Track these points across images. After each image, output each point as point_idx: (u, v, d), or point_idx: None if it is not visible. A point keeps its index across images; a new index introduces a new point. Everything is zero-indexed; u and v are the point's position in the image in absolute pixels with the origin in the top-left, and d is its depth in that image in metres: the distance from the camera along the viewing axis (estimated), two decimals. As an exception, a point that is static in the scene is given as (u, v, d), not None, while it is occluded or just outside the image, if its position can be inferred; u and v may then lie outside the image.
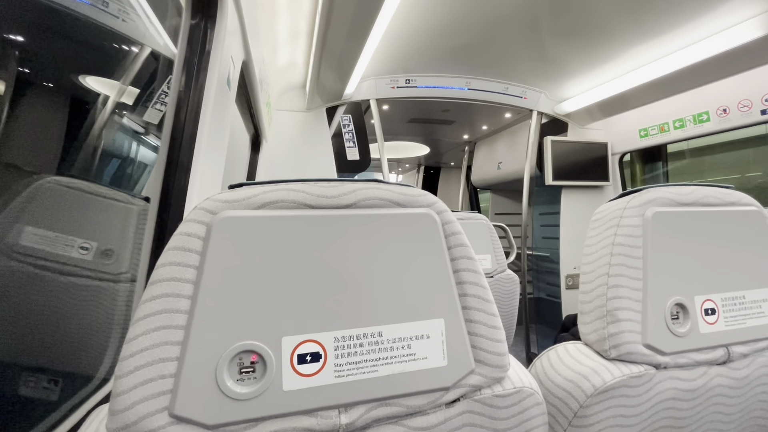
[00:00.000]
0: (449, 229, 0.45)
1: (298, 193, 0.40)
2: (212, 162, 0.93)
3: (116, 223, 0.84)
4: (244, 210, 0.38)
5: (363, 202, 0.42)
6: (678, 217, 0.57)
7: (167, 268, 0.36)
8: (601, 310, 0.55)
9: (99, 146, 0.90)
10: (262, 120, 1.65)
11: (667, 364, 0.54)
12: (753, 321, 0.59)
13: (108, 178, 0.98)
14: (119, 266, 0.83)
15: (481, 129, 3.46)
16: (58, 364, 0.68)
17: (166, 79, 1.08)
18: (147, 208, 0.86)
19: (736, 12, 1.46)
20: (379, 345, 0.40)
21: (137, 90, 1.04)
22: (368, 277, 0.41)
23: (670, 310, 0.55)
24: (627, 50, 1.79)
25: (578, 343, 0.58)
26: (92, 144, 0.88)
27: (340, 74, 1.80)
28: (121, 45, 0.99)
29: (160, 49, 1.10)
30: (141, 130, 1.09)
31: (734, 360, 0.58)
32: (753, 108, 1.81)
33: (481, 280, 0.45)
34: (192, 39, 0.83)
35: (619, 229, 0.56)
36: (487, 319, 0.44)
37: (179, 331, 0.35)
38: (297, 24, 1.54)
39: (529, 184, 2.61)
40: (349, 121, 2.32)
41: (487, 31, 1.69)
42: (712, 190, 0.61)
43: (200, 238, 0.37)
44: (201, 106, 0.85)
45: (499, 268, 1.67)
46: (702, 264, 0.58)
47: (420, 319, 0.42)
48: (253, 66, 1.24)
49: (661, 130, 2.25)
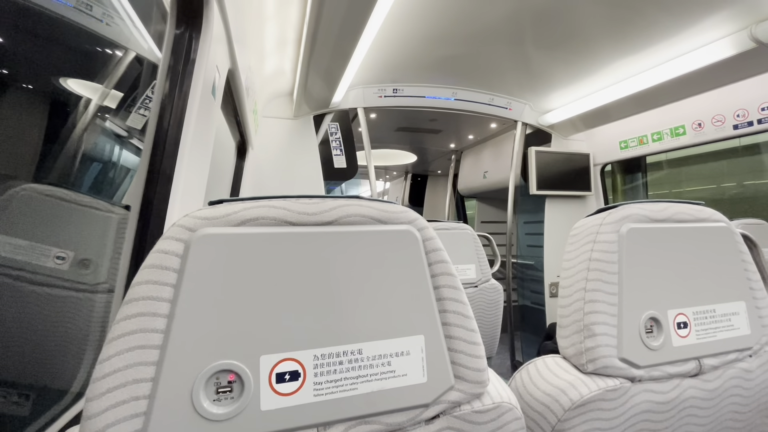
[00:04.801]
0: (430, 245, 0.45)
1: (279, 210, 0.40)
2: (195, 170, 0.92)
3: (95, 232, 0.82)
4: (223, 227, 0.38)
5: (344, 219, 0.42)
6: (652, 233, 0.59)
7: (143, 287, 0.35)
8: (578, 325, 0.56)
9: (79, 151, 0.88)
10: (248, 127, 1.64)
11: (641, 377, 0.55)
12: (723, 334, 0.61)
13: (88, 184, 0.96)
14: (97, 276, 0.81)
15: (468, 138, 3.51)
16: (31, 378, 0.66)
17: (151, 84, 1.07)
18: (127, 216, 0.85)
19: (710, 31, 1.52)
20: (359, 362, 0.40)
21: (120, 94, 1.02)
22: (349, 295, 0.41)
23: (644, 324, 0.56)
24: (608, 65, 1.85)
25: (557, 357, 0.59)
26: (72, 149, 0.86)
27: (328, 83, 1.80)
28: (105, 48, 0.98)
29: (145, 54, 1.09)
30: (123, 135, 1.07)
31: (705, 372, 0.60)
32: (726, 123, 1.88)
33: (460, 296, 0.46)
34: (176, 48, 0.82)
35: (596, 245, 0.57)
36: (467, 335, 0.45)
37: (154, 351, 0.34)
38: (284, 33, 1.55)
39: (514, 193, 2.65)
40: (336, 129, 2.33)
41: (474, 42, 1.72)
42: (684, 207, 0.63)
43: (178, 256, 0.36)
44: (185, 115, 0.84)
45: (484, 277, 1.68)
46: (675, 278, 0.60)
47: (400, 335, 0.42)
48: (239, 74, 1.23)
49: (640, 142, 2.32)
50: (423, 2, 1.42)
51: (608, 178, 2.83)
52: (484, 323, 1.68)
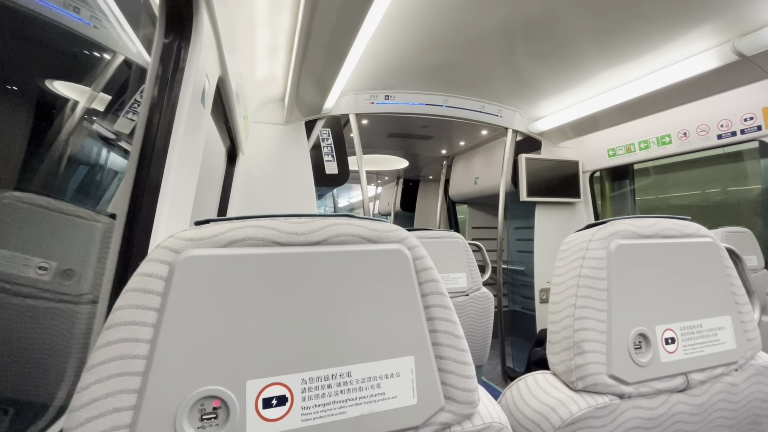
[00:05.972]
0: (420, 264, 0.45)
1: (267, 230, 0.39)
2: (184, 179, 0.91)
3: (79, 242, 0.80)
4: (210, 248, 0.37)
5: (334, 238, 0.42)
6: (640, 249, 0.59)
7: (125, 312, 0.34)
8: (568, 341, 0.56)
9: (65, 156, 0.86)
10: (238, 133, 1.62)
11: (630, 394, 0.55)
12: (710, 348, 0.62)
13: (74, 190, 0.94)
14: (80, 287, 0.79)
15: (459, 144, 3.52)
16: (13, 393, 0.64)
17: (139, 89, 1.05)
18: (113, 225, 0.83)
19: (695, 44, 1.55)
20: (348, 386, 0.40)
21: (108, 97, 1.00)
22: (338, 316, 0.40)
23: (633, 340, 0.57)
24: (597, 74, 1.88)
25: (547, 374, 0.59)
26: (57, 153, 0.84)
27: (320, 89, 1.79)
28: (93, 51, 0.96)
29: (134, 57, 1.07)
30: (111, 139, 1.05)
31: (693, 387, 0.60)
32: (710, 133, 1.92)
33: (451, 316, 0.45)
34: (165, 56, 0.81)
35: (585, 261, 0.57)
36: (458, 355, 0.44)
37: (136, 378, 0.33)
38: (276, 39, 1.54)
39: (505, 199, 2.66)
40: (328, 134, 2.32)
41: (465, 50, 1.74)
42: (671, 222, 0.63)
43: (162, 279, 0.35)
44: (173, 124, 0.83)
45: (474, 286, 1.69)
46: (662, 294, 0.60)
47: (390, 357, 0.41)
48: (229, 80, 1.22)
49: (627, 150, 2.36)
50: (416, 10, 1.42)
51: (597, 185, 2.87)
52: (475, 332, 1.68)
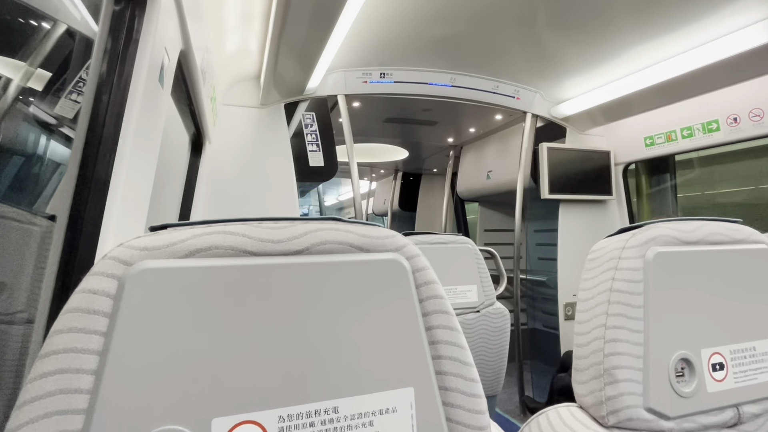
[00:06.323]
0: (421, 277, 0.45)
1: (237, 237, 0.39)
2: (138, 173, 0.90)
3: (11, 249, 0.79)
4: (167, 260, 0.37)
5: (317, 246, 0.41)
6: (682, 258, 0.60)
7: (64, 336, 0.33)
8: (597, 369, 0.56)
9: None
10: (204, 117, 1.62)
11: (671, 430, 0.56)
12: (765, 376, 0.62)
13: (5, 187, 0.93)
14: (13, 304, 0.78)
15: (469, 132, 3.53)
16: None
17: (85, 65, 1.04)
18: (52, 228, 0.82)
19: (748, 12, 1.56)
20: (335, 423, 0.39)
21: (48, 74, 0.99)
22: (322, 340, 0.40)
23: (674, 366, 0.57)
24: (631, 48, 1.89)
25: (572, 407, 0.59)
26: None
27: (303, 65, 1.79)
28: (28, 19, 0.95)
29: (78, 27, 1.06)
30: (51, 124, 1.04)
31: (745, 422, 0.60)
32: (765, 117, 1.93)
33: (458, 339, 0.45)
34: (115, 26, 0.80)
35: (618, 272, 0.58)
36: (465, 386, 0.44)
37: (78, 417, 0.33)
38: (250, 5, 1.53)
39: (523, 196, 2.67)
40: (312, 119, 2.31)
41: (476, 20, 1.74)
42: (719, 226, 0.64)
43: (110, 297, 0.35)
44: (125, 107, 0.82)
45: (487, 300, 1.69)
46: (709, 311, 0.60)
47: (385, 389, 0.41)
48: (193, 55, 1.22)
49: (668, 138, 2.37)
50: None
51: (632, 179, 2.88)
52: (488, 355, 1.69)
